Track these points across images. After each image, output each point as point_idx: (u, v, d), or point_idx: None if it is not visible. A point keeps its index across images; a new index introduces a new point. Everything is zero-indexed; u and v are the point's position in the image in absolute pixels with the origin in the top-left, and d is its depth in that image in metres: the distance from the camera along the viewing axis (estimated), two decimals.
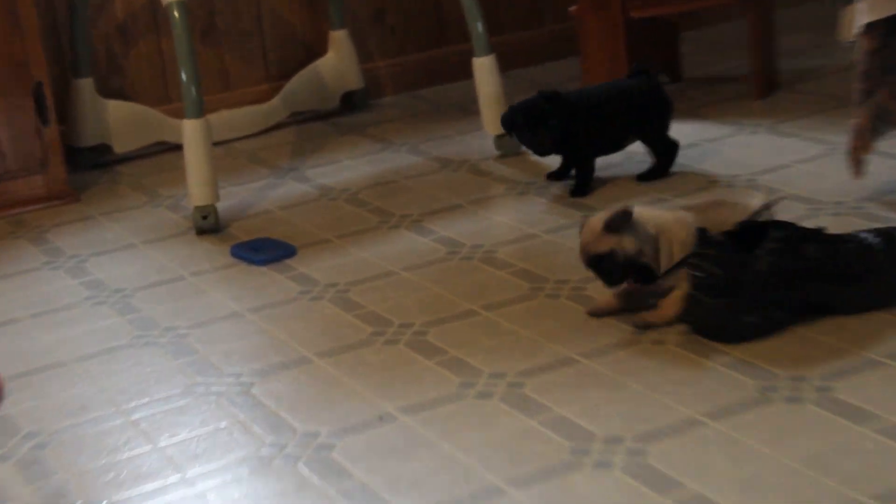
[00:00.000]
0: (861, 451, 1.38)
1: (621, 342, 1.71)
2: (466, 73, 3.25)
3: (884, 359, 1.58)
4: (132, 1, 2.88)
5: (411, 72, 3.21)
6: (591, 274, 1.78)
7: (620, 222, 1.72)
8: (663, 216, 1.75)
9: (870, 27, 2.01)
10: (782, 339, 1.66)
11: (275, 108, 2.98)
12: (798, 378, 1.56)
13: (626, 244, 1.72)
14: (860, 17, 2.02)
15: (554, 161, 2.44)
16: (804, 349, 1.63)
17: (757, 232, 1.67)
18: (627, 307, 1.78)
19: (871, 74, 2.03)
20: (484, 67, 2.58)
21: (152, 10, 2.90)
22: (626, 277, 1.75)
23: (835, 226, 2.02)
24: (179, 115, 2.96)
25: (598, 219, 1.75)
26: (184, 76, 2.31)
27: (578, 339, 1.74)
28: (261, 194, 2.55)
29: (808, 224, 1.77)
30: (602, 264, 1.75)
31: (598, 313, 1.79)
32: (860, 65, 2.04)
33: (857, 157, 2.08)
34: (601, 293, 1.82)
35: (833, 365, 1.58)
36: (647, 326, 1.73)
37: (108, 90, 2.89)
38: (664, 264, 1.72)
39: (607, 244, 1.73)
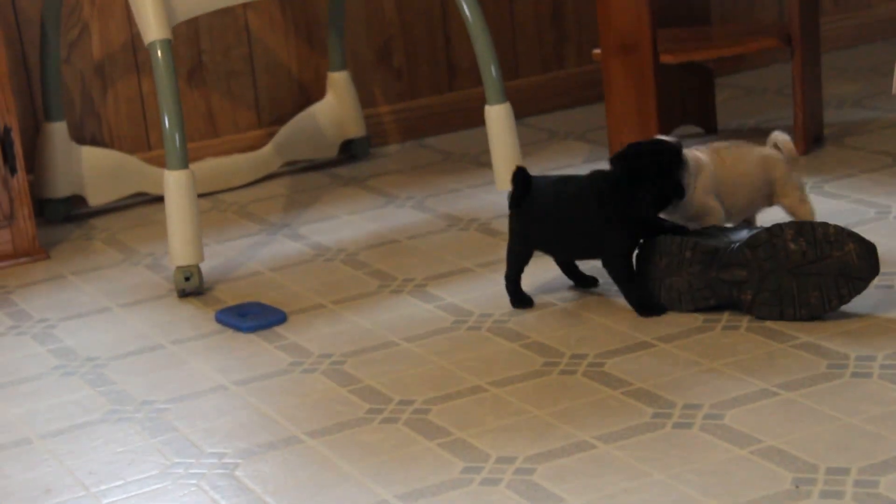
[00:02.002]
0: None
1: (642, 425, 1.77)
2: (478, 119, 3.34)
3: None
4: (110, 38, 2.98)
5: (418, 118, 3.30)
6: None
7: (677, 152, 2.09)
8: (696, 157, 2.17)
9: None
10: (817, 428, 1.72)
11: (267, 156, 3.06)
12: (838, 470, 1.61)
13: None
14: None
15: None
16: (842, 439, 1.68)
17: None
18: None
19: None
20: (498, 117, 2.66)
21: (133, 48, 3.00)
22: (670, 197, 2.08)
23: (885, 304, 2.08)
24: (160, 163, 3.06)
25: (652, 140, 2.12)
26: (166, 122, 2.40)
27: (596, 420, 1.80)
28: (250, 253, 2.62)
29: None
30: (662, 161, 2.08)
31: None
32: None
33: None
34: None
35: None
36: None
37: (83, 136, 2.99)
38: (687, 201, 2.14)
39: (681, 150, 2.10)
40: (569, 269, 2.25)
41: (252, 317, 2.25)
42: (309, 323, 2.24)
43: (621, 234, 2.08)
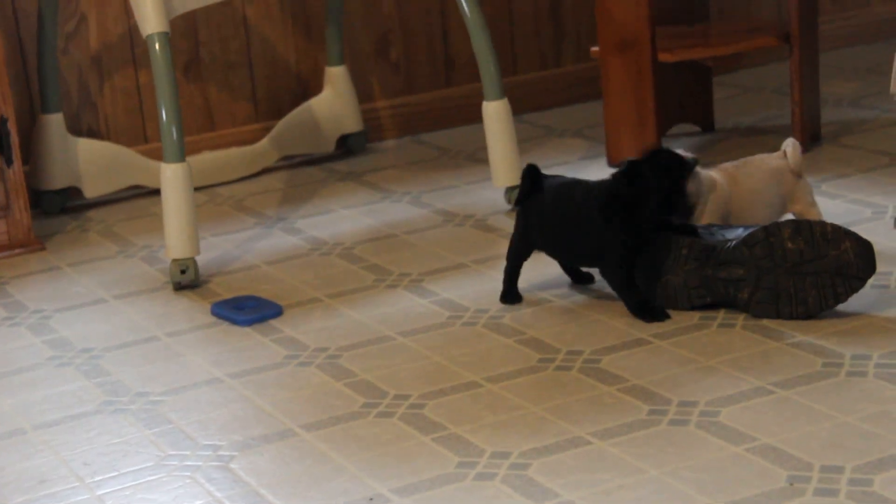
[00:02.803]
0: None
1: (637, 422, 1.77)
2: (475, 116, 3.35)
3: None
4: (108, 30, 2.98)
5: (416, 114, 3.30)
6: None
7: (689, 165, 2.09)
8: (709, 177, 2.18)
9: None
10: (812, 427, 1.72)
11: (263, 150, 3.07)
12: (832, 468, 1.61)
13: (692, 185, 2.12)
14: None
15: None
16: (837, 437, 1.69)
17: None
18: None
19: None
20: (495, 113, 2.66)
21: (130, 40, 3.00)
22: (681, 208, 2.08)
23: (881, 303, 2.09)
24: (157, 156, 3.06)
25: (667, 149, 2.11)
26: (163, 115, 2.40)
27: (591, 416, 1.80)
28: (246, 247, 2.63)
29: None
30: (675, 172, 2.07)
31: None
32: None
33: None
34: None
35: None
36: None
37: (79, 128, 2.99)
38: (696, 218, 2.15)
39: (692, 162, 2.10)
40: (566, 266, 2.26)
41: (248, 310, 2.26)
42: (305, 317, 2.24)
43: (621, 244, 2.05)
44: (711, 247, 2.04)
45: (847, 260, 1.99)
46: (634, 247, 2.06)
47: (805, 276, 2.01)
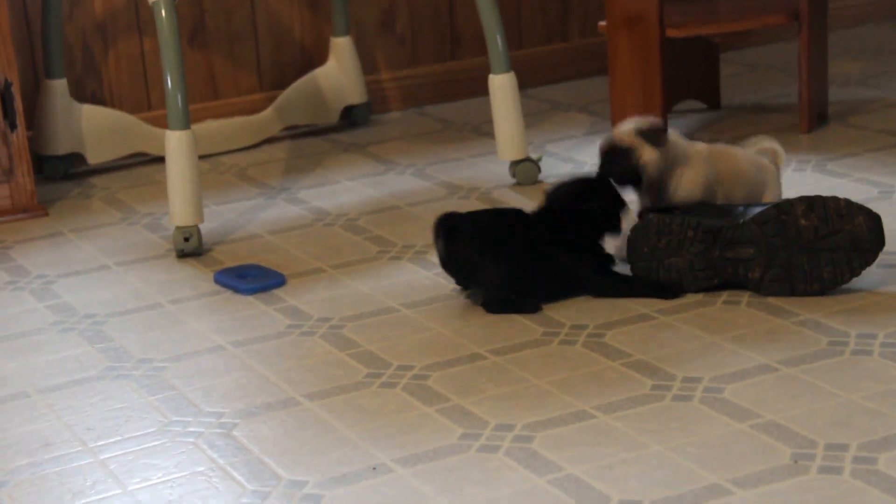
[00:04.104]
0: None
1: (641, 396, 1.77)
2: (481, 88, 3.33)
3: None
4: None
5: (420, 86, 3.28)
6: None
7: (653, 135, 2.10)
8: (692, 148, 2.16)
9: None
10: (817, 404, 1.72)
11: (267, 120, 3.05)
12: (837, 446, 1.61)
13: (647, 154, 2.10)
14: None
15: None
16: (842, 415, 1.69)
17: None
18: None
19: None
20: (502, 86, 2.65)
21: (135, 7, 2.98)
22: (626, 181, 2.11)
23: (887, 282, 2.08)
24: (161, 124, 3.04)
25: (634, 121, 2.13)
26: (168, 82, 2.39)
27: (595, 390, 1.80)
28: (249, 216, 2.62)
29: None
30: (614, 157, 2.11)
31: None
32: None
33: None
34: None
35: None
36: None
37: (83, 94, 2.97)
38: (672, 187, 2.13)
39: (629, 142, 2.10)
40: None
41: (251, 279, 2.25)
42: (308, 287, 2.24)
43: (581, 256, 2.06)
44: (718, 228, 2.03)
45: (861, 234, 2.00)
46: (590, 249, 2.09)
47: (820, 252, 2.00)
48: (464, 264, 2.06)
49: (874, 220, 2.00)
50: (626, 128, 2.14)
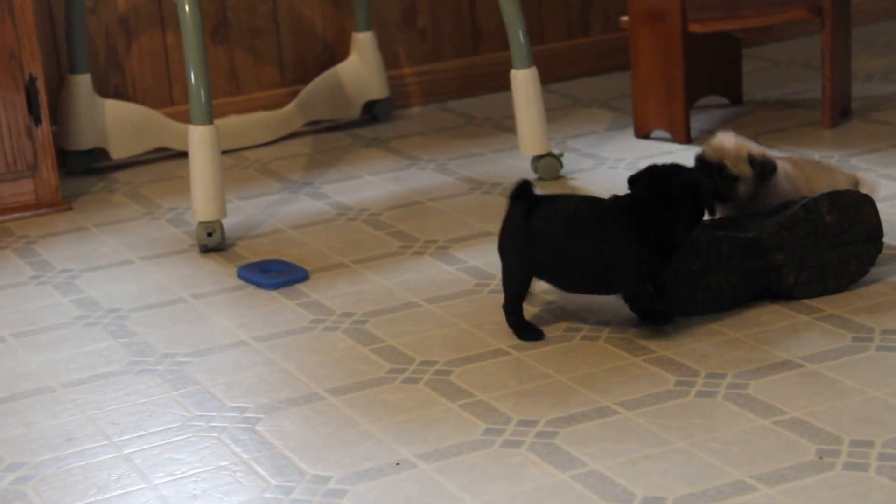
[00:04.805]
0: None
1: (665, 392, 1.76)
2: (503, 83, 3.32)
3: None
4: None
5: (442, 81, 3.28)
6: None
7: (765, 169, 2.04)
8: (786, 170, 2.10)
9: None
10: (841, 401, 1.71)
11: (290, 115, 3.05)
12: (862, 443, 1.60)
13: (746, 186, 2.05)
14: None
15: None
16: (867, 412, 1.68)
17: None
18: None
19: None
20: (524, 81, 2.64)
21: (158, 2, 2.98)
22: (717, 197, 2.04)
23: None
24: (184, 118, 3.05)
25: (752, 147, 2.06)
26: (192, 77, 2.39)
27: (618, 386, 1.79)
28: (271, 211, 2.62)
29: None
30: (718, 176, 2.03)
31: None
32: None
33: None
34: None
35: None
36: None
37: (107, 89, 2.98)
38: (763, 199, 2.08)
39: (739, 171, 2.04)
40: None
41: (274, 274, 2.25)
42: (331, 282, 2.24)
43: (646, 257, 1.87)
44: (748, 239, 1.97)
45: (871, 223, 2.01)
46: (657, 269, 1.89)
47: (846, 245, 2.00)
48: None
49: (874, 207, 2.02)
50: (730, 143, 2.04)
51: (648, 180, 1.89)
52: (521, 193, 1.92)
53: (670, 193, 1.87)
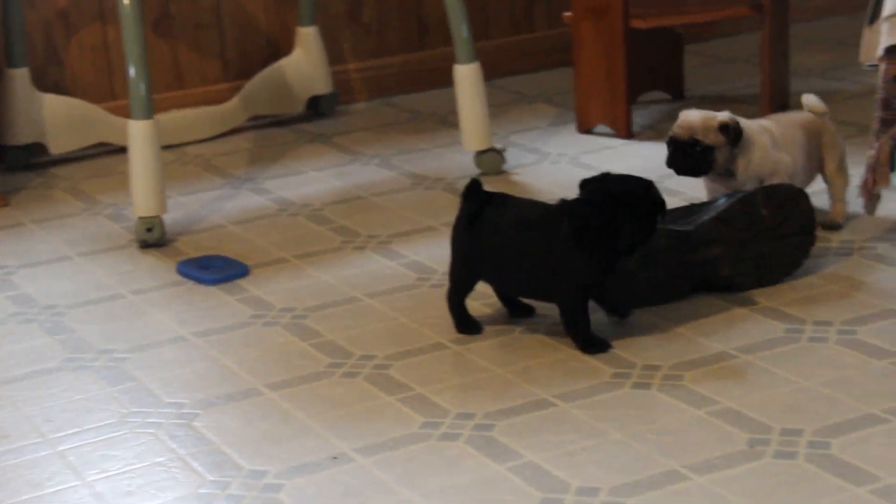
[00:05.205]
0: None
1: (602, 385, 1.78)
2: (448, 79, 3.32)
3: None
4: None
5: (386, 77, 3.28)
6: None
7: (735, 132, 2.09)
8: (748, 128, 2.14)
9: (891, 51, 2.09)
10: (773, 391, 1.74)
11: (233, 110, 3.04)
12: (791, 431, 1.63)
13: (723, 153, 2.10)
14: (883, 39, 2.10)
15: None
16: (797, 401, 1.70)
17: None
18: None
19: (892, 103, 2.11)
20: (467, 76, 2.65)
21: None
22: (695, 172, 2.11)
23: (843, 270, 2.10)
24: (125, 113, 3.02)
25: (721, 116, 2.10)
26: (131, 71, 2.37)
27: (556, 379, 1.81)
28: (213, 206, 2.61)
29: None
30: (692, 152, 2.09)
31: None
32: (880, 91, 2.12)
33: (872, 191, 2.16)
34: None
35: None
36: (834, 226, 2.22)
37: (46, 83, 2.95)
38: (741, 171, 2.13)
39: (712, 140, 2.09)
40: (505, 297, 2.01)
41: (214, 269, 2.24)
42: (271, 277, 2.23)
43: (587, 274, 1.84)
44: (686, 232, 1.99)
45: (806, 217, 2.05)
46: (600, 278, 1.86)
47: (781, 238, 2.03)
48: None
49: (808, 201, 2.06)
50: (696, 117, 2.10)
51: (598, 184, 1.87)
52: (472, 192, 1.92)
53: (618, 199, 1.83)
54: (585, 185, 1.89)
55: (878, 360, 1.79)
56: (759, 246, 2.02)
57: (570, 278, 1.86)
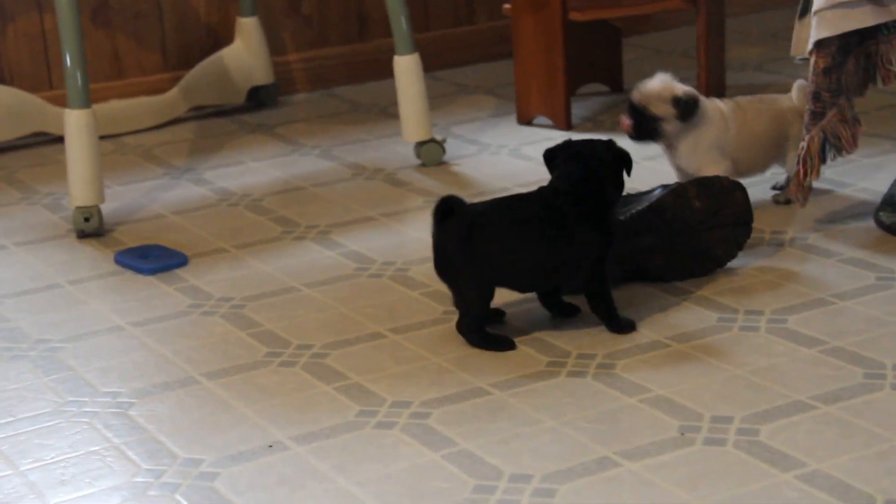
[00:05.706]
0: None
1: (537, 374, 1.80)
2: (388, 71, 3.32)
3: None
4: None
5: (328, 67, 3.27)
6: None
7: (687, 108, 2.16)
8: (711, 111, 2.22)
9: (821, 45, 2.13)
10: (704, 379, 1.76)
11: (173, 100, 3.02)
12: (722, 419, 1.66)
13: (671, 125, 2.17)
14: (812, 33, 2.13)
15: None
16: (728, 389, 1.73)
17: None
18: None
19: (821, 95, 2.15)
20: (406, 67, 2.66)
21: None
22: (647, 137, 2.20)
23: (775, 261, 2.13)
24: (62, 103, 2.99)
25: (676, 87, 2.18)
26: (67, 60, 2.35)
27: (492, 368, 1.82)
28: (152, 196, 2.59)
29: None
30: (642, 118, 2.17)
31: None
32: (811, 85, 2.15)
33: (803, 184, 2.19)
34: None
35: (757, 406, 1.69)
36: (788, 201, 2.29)
37: None
38: (679, 153, 2.21)
39: (662, 111, 2.16)
40: (547, 299, 1.95)
41: (153, 259, 2.23)
42: (210, 266, 2.22)
43: (602, 233, 1.84)
44: (619, 222, 1.99)
45: (742, 208, 2.07)
46: (613, 241, 1.86)
47: (713, 230, 2.05)
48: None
49: (745, 192, 2.08)
50: (655, 85, 2.17)
51: (569, 158, 1.87)
52: (449, 209, 1.82)
53: (602, 161, 1.87)
54: (552, 155, 1.91)
55: (808, 348, 1.82)
56: (692, 237, 2.05)
57: (588, 252, 1.84)
